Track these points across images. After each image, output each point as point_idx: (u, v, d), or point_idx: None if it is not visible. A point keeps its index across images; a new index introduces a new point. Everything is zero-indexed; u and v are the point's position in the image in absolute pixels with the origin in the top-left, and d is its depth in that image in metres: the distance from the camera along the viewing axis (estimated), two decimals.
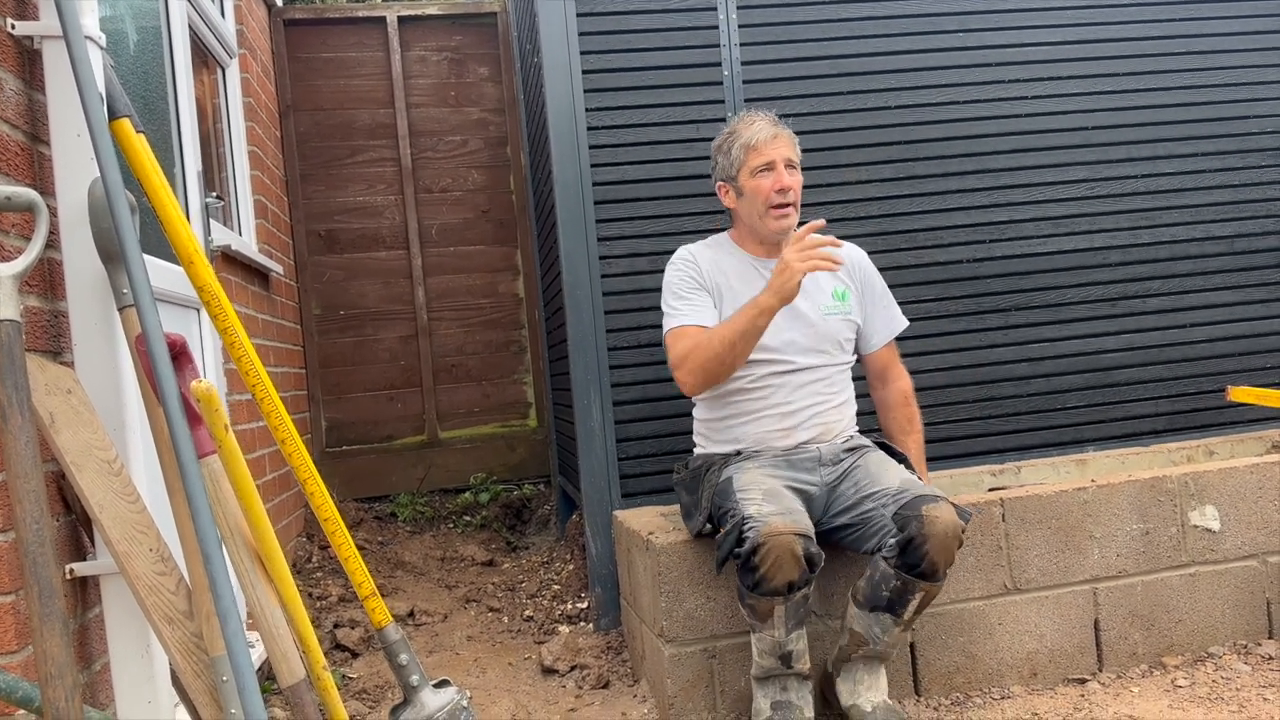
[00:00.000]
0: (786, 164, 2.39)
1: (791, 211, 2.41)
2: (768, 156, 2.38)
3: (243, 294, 3.38)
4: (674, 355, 2.40)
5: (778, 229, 2.41)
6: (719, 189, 2.51)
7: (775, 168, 2.37)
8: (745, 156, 2.40)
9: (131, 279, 1.61)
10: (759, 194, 2.39)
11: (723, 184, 2.49)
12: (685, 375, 2.37)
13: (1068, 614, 2.57)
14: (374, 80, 4.84)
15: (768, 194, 2.37)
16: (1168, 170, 3.37)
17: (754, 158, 2.39)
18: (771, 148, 2.38)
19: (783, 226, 2.40)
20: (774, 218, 2.39)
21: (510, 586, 3.80)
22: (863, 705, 2.26)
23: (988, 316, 3.26)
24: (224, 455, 1.68)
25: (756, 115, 2.46)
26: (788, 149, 2.40)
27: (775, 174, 2.37)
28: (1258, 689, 2.40)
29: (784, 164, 2.38)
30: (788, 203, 2.39)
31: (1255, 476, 2.67)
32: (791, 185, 2.39)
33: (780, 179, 2.37)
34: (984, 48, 3.27)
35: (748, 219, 2.46)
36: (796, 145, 2.44)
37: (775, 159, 2.37)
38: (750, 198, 2.41)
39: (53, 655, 1.35)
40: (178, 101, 2.74)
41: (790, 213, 2.41)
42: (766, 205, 2.39)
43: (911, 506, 2.14)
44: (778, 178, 2.37)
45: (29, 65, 1.72)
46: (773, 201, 2.38)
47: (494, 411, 4.91)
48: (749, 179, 2.40)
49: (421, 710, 1.96)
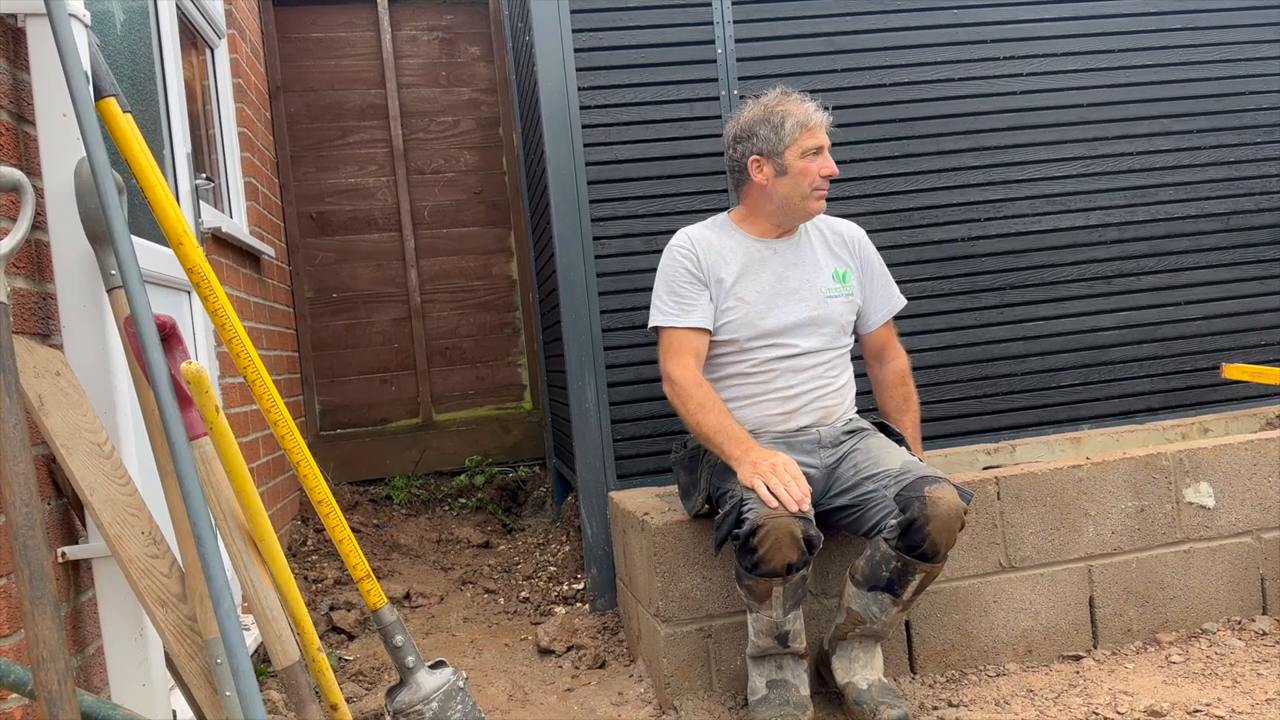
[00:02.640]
0: (830, 150, 2.40)
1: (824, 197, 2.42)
2: (820, 140, 2.37)
3: (234, 277, 3.36)
4: (664, 365, 2.39)
5: (818, 210, 2.42)
6: (752, 162, 2.38)
7: (824, 152, 2.37)
8: (799, 135, 2.35)
9: (119, 260, 1.60)
10: (806, 175, 2.36)
11: (760, 158, 2.38)
12: (666, 391, 2.39)
13: (1063, 591, 2.58)
14: (364, 60, 4.80)
15: (815, 177, 2.36)
16: (1163, 148, 3.36)
17: (808, 139, 2.36)
18: (822, 132, 2.38)
19: (817, 209, 2.42)
20: (815, 198, 2.39)
21: (506, 568, 3.80)
22: (858, 682, 2.26)
23: (983, 295, 3.25)
24: (215, 437, 1.67)
25: (801, 96, 2.43)
26: (828, 136, 2.41)
27: (824, 158, 2.37)
28: (1251, 664, 2.41)
29: (829, 149, 2.39)
30: (826, 189, 2.40)
31: (1249, 453, 2.68)
32: (836, 172, 2.40)
33: (829, 164, 2.37)
34: (979, 24, 3.25)
35: (780, 197, 2.40)
36: None
37: (825, 144, 2.38)
38: (795, 178, 2.37)
39: (45, 639, 1.34)
40: (166, 82, 2.71)
41: (823, 199, 2.42)
42: (812, 187, 2.37)
43: (914, 488, 2.14)
44: (826, 162, 2.37)
45: (13, 44, 1.70)
46: (818, 185, 2.37)
47: (489, 394, 4.91)
48: (798, 159, 2.36)
49: (417, 691, 1.95)
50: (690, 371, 2.35)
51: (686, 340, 2.38)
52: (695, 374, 2.35)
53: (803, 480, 2.11)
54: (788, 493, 2.07)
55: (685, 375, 2.34)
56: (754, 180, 2.40)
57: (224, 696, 1.62)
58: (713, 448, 2.28)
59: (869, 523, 2.24)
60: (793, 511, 2.05)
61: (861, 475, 2.29)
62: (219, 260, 3.13)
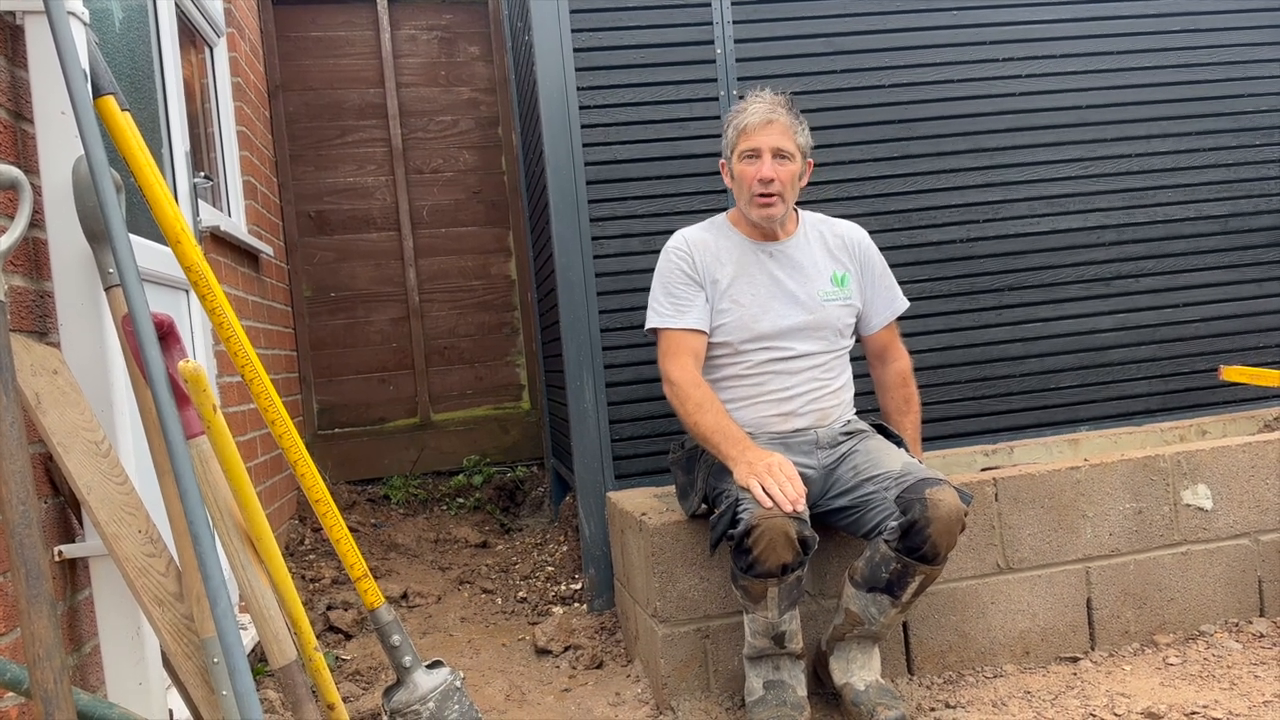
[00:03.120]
0: (775, 153, 2.33)
1: (776, 201, 2.35)
2: (754, 143, 2.34)
3: (232, 276, 3.36)
4: (663, 366, 2.39)
5: (759, 216, 2.39)
6: (721, 166, 2.50)
7: (760, 156, 2.33)
8: (736, 139, 2.39)
9: (117, 258, 1.59)
10: (744, 180, 2.37)
11: (724, 162, 2.48)
12: (665, 392, 2.38)
13: (1060, 593, 2.58)
14: (364, 59, 4.80)
15: (751, 182, 2.35)
16: (1162, 150, 3.36)
17: (743, 142, 2.36)
18: (761, 134, 2.33)
19: (765, 215, 2.38)
20: (757, 205, 2.37)
21: (504, 568, 3.79)
22: (856, 684, 2.26)
23: (981, 296, 3.25)
24: (213, 436, 1.66)
25: (761, 97, 2.40)
26: (780, 137, 2.33)
27: (759, 163, 2.34)
28: (1249, 666, 2.41)
29: (771, 153, 2.33)
30: (770, 193, 2.34)
31: (1247, 455, 2.68)
32: (775, 176, 2.33)
33: (762, 169, 2.33)
34: (979, 25, 3.25)
35: (737, 200, 2.45)
36: (797, 132, 2.36)
37: (762, 147, 2.33)
38: (738, 182, 2.40)
39: (41, 637, 1.34)
40: (165, 80, 2.71)
41: (774, 202, 2.35)
42: (751, 193, 2.36)
43: (915, 489, 2.13)
44: (759, 167, 2.33)
45: (12, 41, 1.69)
46: (755, 190, 2.35)
47: (487, 394, 4.90)
48: (738, 163, 2.38)
49: (414, 691, 1.95)
50: (689, 372, 2.34)
51: (684, 341, 2.38)
52: (694, 375, 2.35)
53: (798, 481, 2.10)
54: (782, 493, 2.06)
55: (684, 376, 2.34)
56: (727, 183, 2.49)
57: (220, 695, 1.62)
58: (710, 448, 2.28)
59: (869, 524, 2.24)
60: (787, 512, 2.05)
61: (861, 477, 2.29)
62: (217, 259, 3.13)
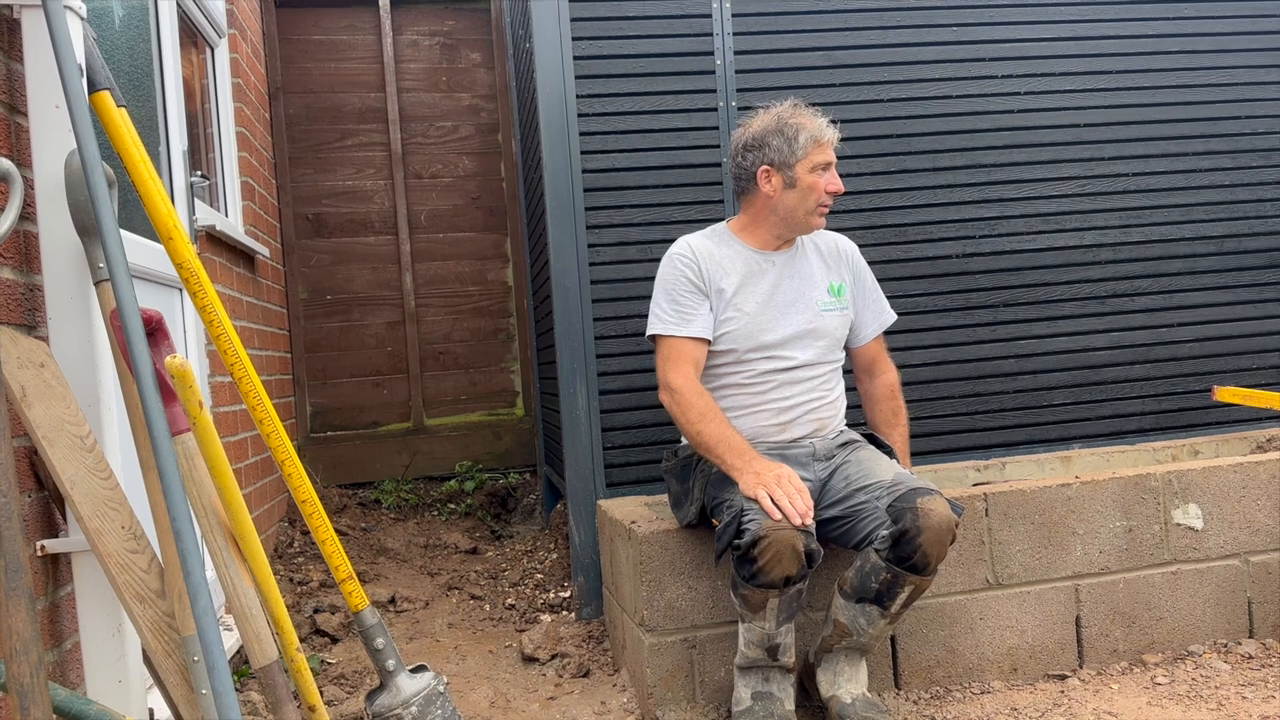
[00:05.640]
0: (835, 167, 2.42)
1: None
2: (830, 156, 2.38)
3: (227, 275, 3.35)
4: (664, 374, 2.38)
5: (818, 225, 2.43)
6: (761, 172, 2.38)
7: (832, 169, 2.39)
8: (811, 150, 2.36)
9: (107, 252, 1.59)
10: (814, 191, 2.36)
11: (770, 169, 2.37)
12: (664, 399, 2.38)
13: (1049, 610, 2.57)
14: (365, 64, 4.81)
15: (821, 193, 2.37)
16: (1159, 169, 3.37)
17: (819, 154, 2.36)
18: (831, 149, 2.39)
19: (819, 225, 2.43)
20: (819, 214, 2.40)
21: (493, 574, 3.78)
22: (842, 696, 2.25)
23: (976, 312, 3.25)
24: (199, 433, 1.66)
25: (813, 110, 2.44)
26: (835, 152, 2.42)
27: (832, 174, 2.38)
28: (1237, 687, 2.40)
29: (835, 166, 2.41)
30: (831, 204, 2.41)
31: (1239, 476, 2.67)
32: (842, 189, 2.40)
33: (837, 181, 2.38)
34: (978, 42, 3.26)
35: (785, 210, 2.39)
36: None
37: (834, 160, 2.40)
38: (803, 192, 2.37)
39: (18, 630, 1.33)
40: (164, 79, 2.71)
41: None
42: (817, 203, 2.38)
43: (906, 499, 2.13)
44: (834, 179, 2.38)
45: (8, 35, 1.69)
46: (824, 200, 2.38)
47: (481, 399, 4.90)
48: (807, 173, 2.36)
49: (397, 695, 1.94)
50: (691, 381, 2.34)
51: (686, 349, 2.37)
52: (696, 383, 2.34)
53: (807, 494, 2.11)
54: (792, 506, 2.07)
55: (686, 384, 2.33)
56: (761, 190, 2.40)
57: (200, 694, 1.61)
58: (713, 458, 2.27)
59: (860, 534, 2.24)
60: (796, 525, 2.05)
61: (853, 486, 2.28)
62: (212, 258, 3.12)
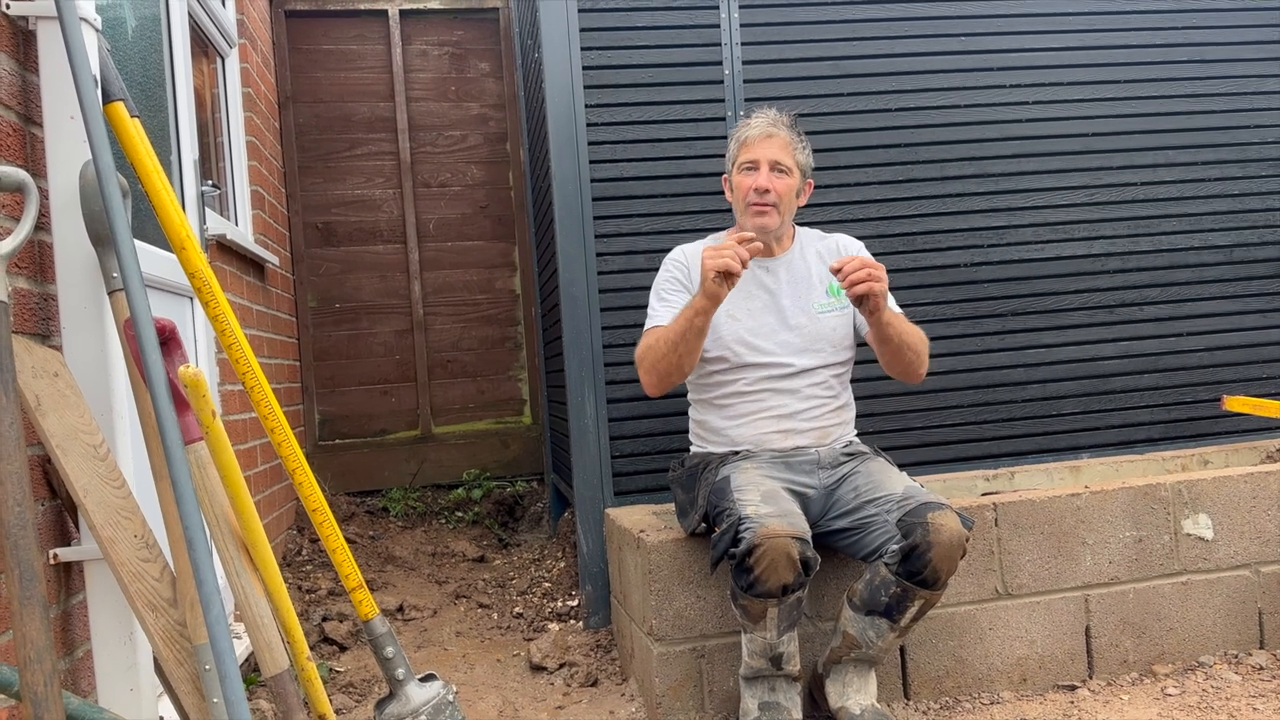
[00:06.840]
0: (773, 166, 2.39)
1: (770, 211, 2.40)
2: (753, 155, 2.40)
3: (237, 284, 3.37)
4: (636, 354, 2.42)
5: (754, 225, 2.42)
6: (724, 182, 2.55)
7: (759, 167, 2.39)
8: (737, 152, 2.46)
9: (121, 262, 1.60)
10: (741, 190, 2.43)
11: (726, 178, 2.53)
12: (643, 375, 2.39)
13: (1059, 620, 2.56)
14: (374, 73, 4.83)
15: (747, 191, 2.40)
16: (1168, 179, 3.37)
17: (743, 154, 2.43)
18: (760, 147, 2.40)
19: (759, 224, 2.41)
20: (752, 214, 2.41)
21: (501, 583, 3.78)
22: (851, 708, 2.25)
23: (985, 321, 3.25)
24: (211, 442, 1.67)
25: (764, 114, 2.47)
26: (779, 151, 2.40)
27: (757, 173, 2.39)
28: (1248, 699, 2.39)
29: (769, 165, 2.39)
30: (765, 203, 2.39)
31: (1249, 486, 2.67)
32: (772, 187, 2.38)
33: (758, 179, 2.38)
34: (987, 52, 3.27)
35: (737, 213, 2.49)
36: (797, 149, 2.43)
37: (760, 159, 2.39)
38: (736, 193, 2.46)
39: (32, 639, 1.34)
40: (176, 89, 2.72)
41: (769, 212, 2.40)
42: (746, 203, 2.41)
43: (917, 513, 2.12)
44: (756, 178, 2.38)
45: (23, 46, 1.71)
46: (750, 200, 2.40)
47: (488, 408, 4.90)
48: (737, 174, 2.44)
49: (406, 704, 1.94)
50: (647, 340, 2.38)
51: (654, 333, 2.40)
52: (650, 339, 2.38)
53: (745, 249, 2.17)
54: (737, 255, 2.13)
55: (645, 343, 2.37)
56: (729, 199, 2.52)
57: (211, 703, 1.61)
58: (689, 330, 2.26)
59: (869, 546, 2.23)
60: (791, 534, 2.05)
61: (862, 498, 2.28)
62: (222, 267, 3.14)
